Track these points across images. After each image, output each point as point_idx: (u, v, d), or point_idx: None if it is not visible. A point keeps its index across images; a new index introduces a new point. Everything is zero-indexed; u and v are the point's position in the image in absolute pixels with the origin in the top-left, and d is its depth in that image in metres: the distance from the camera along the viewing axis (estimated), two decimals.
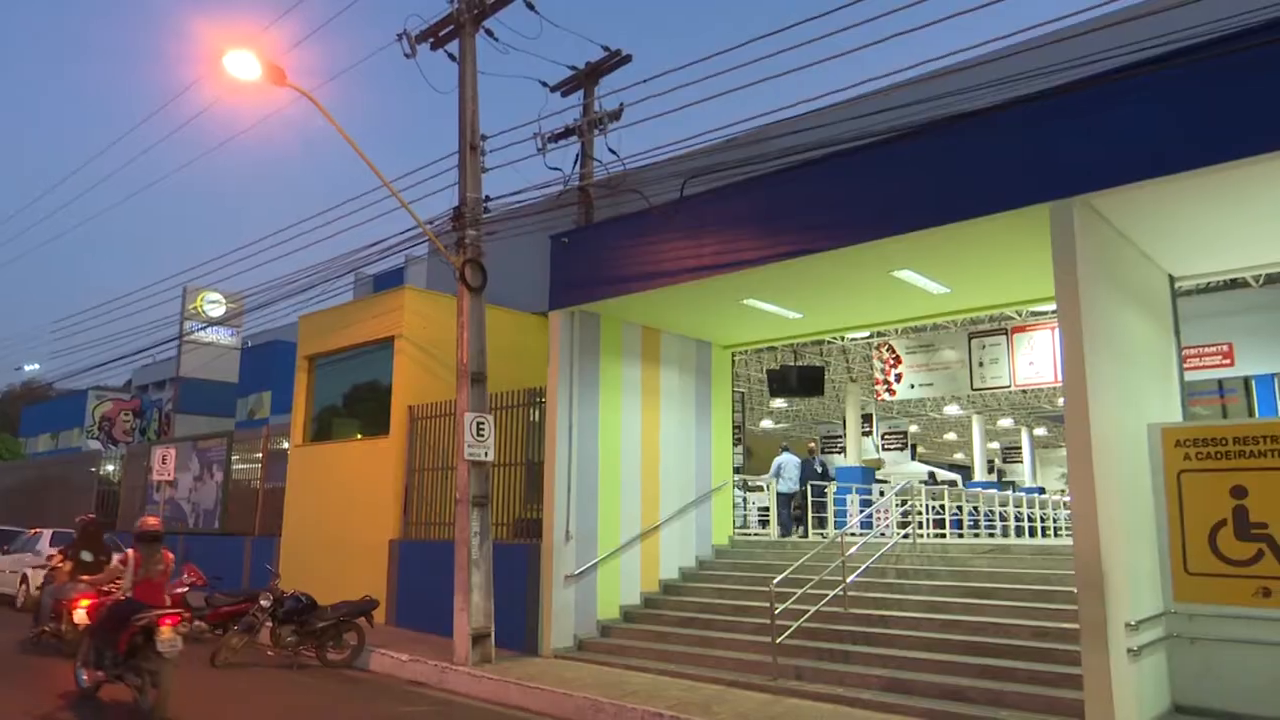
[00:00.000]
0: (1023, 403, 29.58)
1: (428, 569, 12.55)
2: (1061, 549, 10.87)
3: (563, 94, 13.77)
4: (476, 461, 10.62)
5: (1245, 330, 13.16)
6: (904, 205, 8.49)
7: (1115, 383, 7.72)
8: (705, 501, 13.26)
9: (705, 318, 12.31)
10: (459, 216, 11.07)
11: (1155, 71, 6.96)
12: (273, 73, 10.23)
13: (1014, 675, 8.05)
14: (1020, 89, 7.63)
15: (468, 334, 10.84)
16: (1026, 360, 17.33)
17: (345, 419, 15.86)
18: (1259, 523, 7.45)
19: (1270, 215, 7.78)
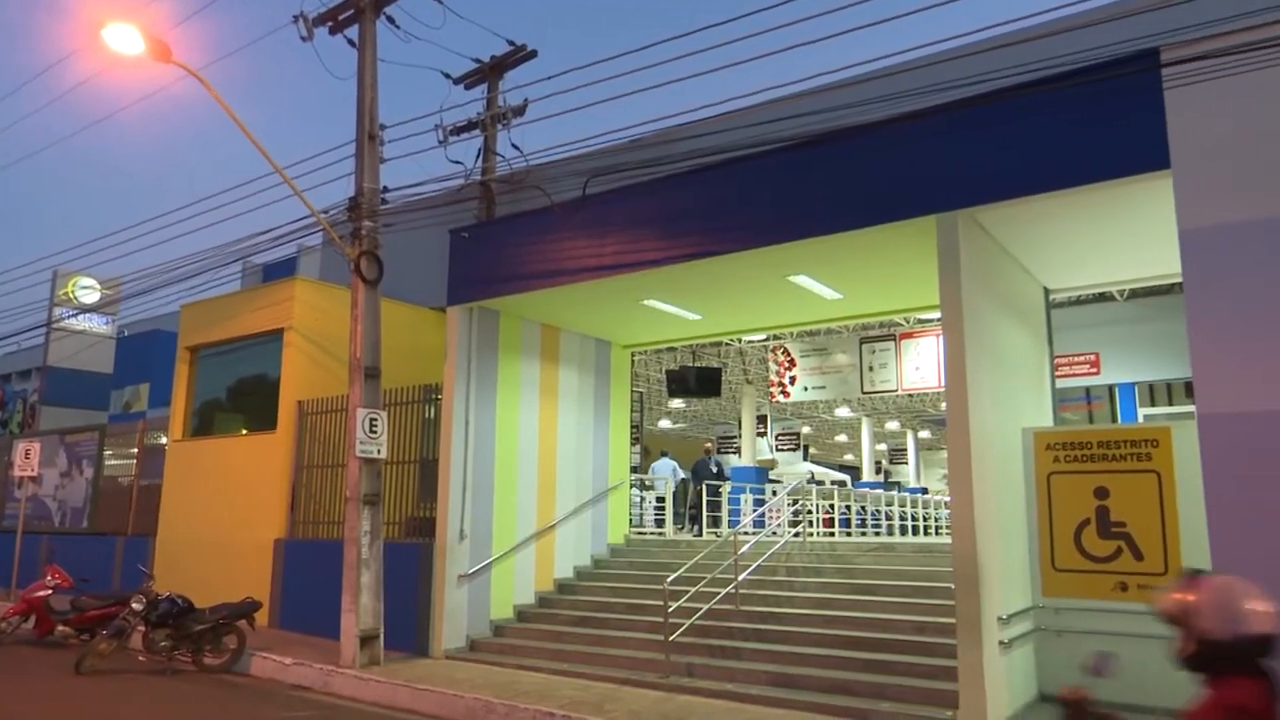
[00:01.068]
0: (909, 406, 30.76)
1: (315, 569, 12.17)
2: (942, 547, 11.35)
3: (466, 87, 13.58)
4: (368, 459, 10.37)
5: (1111, 341, 14.03)
6: (801, 212, 8.72)
7: (993, 388, 8.12)
8: (602, 500, 13.29)
9: (605, 317, 12.34)
10: (355, 207, 10.78)
11: (1034, 94, 7.34)
12: (157, 48, 9.74)
13: (895, 669, 8.36)
14: (914, 104, 7.93)
15: (361, 327, 10.56)
16: (913, 366, 18.03)
17: (229, 413, 15.22)
18: (1119, 521, 7.96)
19: (1134, 234, 8.32)
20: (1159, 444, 7.91)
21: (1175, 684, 7.96)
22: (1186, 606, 2.86)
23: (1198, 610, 2.83)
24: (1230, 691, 2.71)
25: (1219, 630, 2.76)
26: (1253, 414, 6.31)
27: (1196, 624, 2.81)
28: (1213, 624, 2.78)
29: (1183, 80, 6.66)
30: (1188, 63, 6.58)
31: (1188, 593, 2.87)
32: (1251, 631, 2.72)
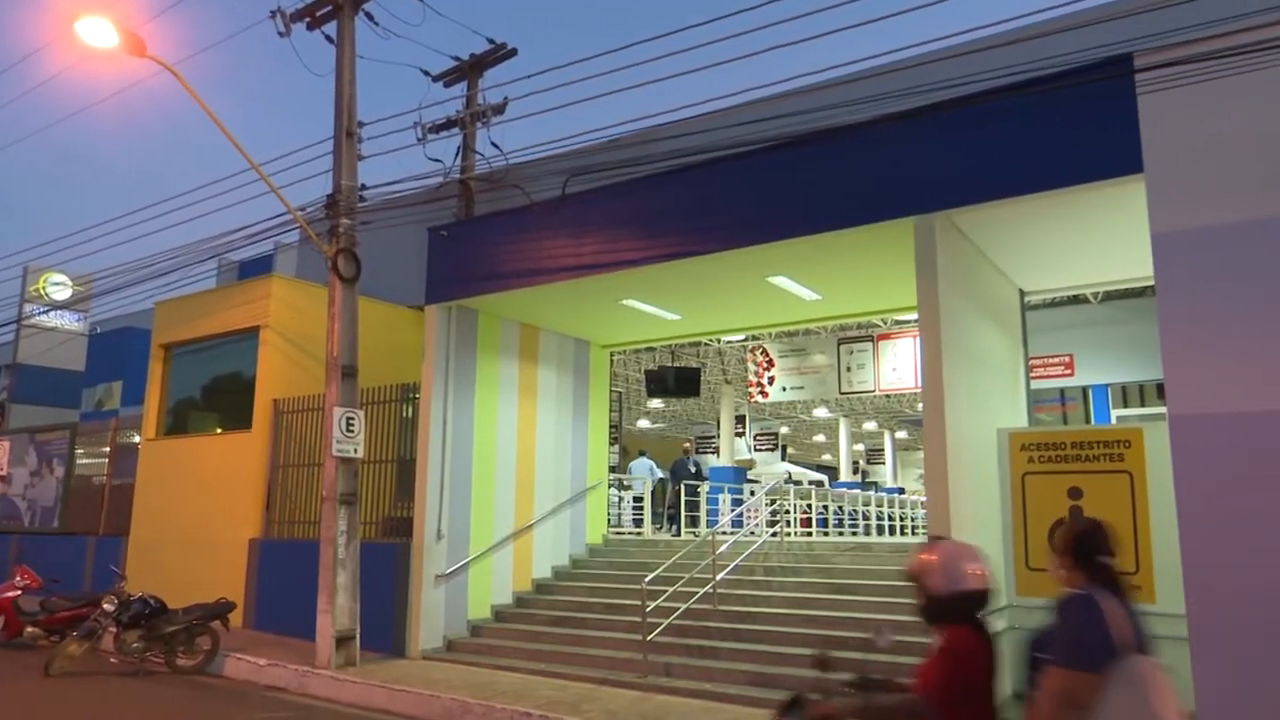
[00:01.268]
0: (886, 407, 30.96)
1: (291, 569, 12.07)
2: (918, 546, 11.42)
3: (445, 84, 13.52)
4: (345, 458, 10.30)
5: (1085, 343, 14.19)
6: (780, 213, 8.75)
7: (969, 389, 8.19)
8: (580, 500, 13.27)
9: (584, 317, 12.33)
10: (333, 204, 10.71)
11: (1010, 98, 7.41)
12: (131, 42, 9.62)
13: (873, 668, 8.40)
14: (893, 106, 7.99)
15: (339, 326, 10.49)
16: (890, 366, 18.15)
17: (204, 412, 15.06)
18: None
19: (1108, 237, 8.42)
20: (1131, 445, 8.00)
21: None
22: (920, 567, 3.28)
23: (928, 570, 3.24)
24: (955, 638, 3.15)
25: (942, 587, 3.19)
26: (1223, 415, 6.40)
27: (926, 582, 3.24)
28: (938, 582, 3.20)
29: (1156, 86, 6.75)
30: (1161, 68, 6.66)
31: (923, 556, 3.30)
32: (967, 588, 3.17)
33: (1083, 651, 2.86)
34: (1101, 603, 2.90)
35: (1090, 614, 2.88)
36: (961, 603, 3.18)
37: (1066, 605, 2.99)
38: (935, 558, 3.27)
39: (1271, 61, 6.24)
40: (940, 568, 3.23)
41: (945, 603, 3.20)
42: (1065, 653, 2.90)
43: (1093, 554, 3.05)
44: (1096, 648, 2.85)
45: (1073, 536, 3.14)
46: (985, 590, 3.21)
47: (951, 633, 3.17)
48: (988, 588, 3.22)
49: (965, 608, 3.19)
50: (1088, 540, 3.11)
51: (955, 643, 3.15)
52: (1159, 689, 2.85)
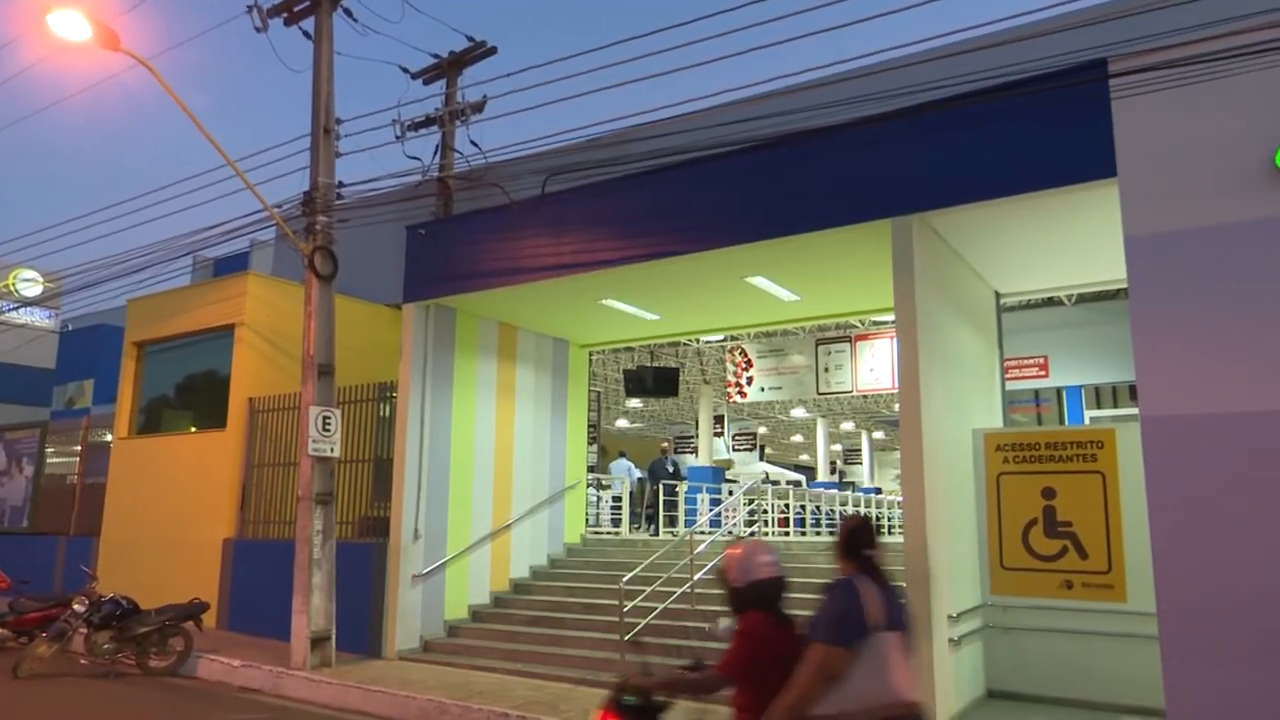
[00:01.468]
0: (863, 407, 31.13)
1: (266, 569, 11.96)
2: (894, 546, 11.50)
3: (424, 82, 13.45)
4: (321, 457, 10.23)
5: (1059, 345, 14.35)
6: (759, 214, 8.78)
7: (945, 390, 8.25)
8: (558, 500, 13.25)
9: (563, 316, 12.31)
10: (310, 201, 10.62)
11: (987, 101, 7.48)
12: (105, 35, 9.50)
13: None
14: (871, 108, 8.03)
15: (315, 324, 10.41)
16: (868, 367, 18.26)
17: (178, 410, 14.90)
18: (1064, 521, 8.14)
19: (1082, 240, 8.52)
20: (1104, 445, 8.11)
21: (1118, 679, 8.17)
22: (723, 564, 3.80)
23: (728, 566, 3.75)
24: (748, 621, 3.61)
25: (739, 579, 3.70)
26: (1194, 416, 6.49)
27: (727, 576, 3.74)
28: (735, 575, 3.71)
29: (1129, 91, 6.84)
30: (1135, 74, 6.75)
31: (726, 553, 3.82)
32: (759, 578, 3.67)
33: (838, 629, 3.30)
34: (860, 588, 3.37)
35: (848, 598, 3.35)
36: (757, 591, 3.67)
37: (830, 590, 3.48)
38: (733, 555, 3.79)
39: (1242, 68, 6.34)
40: (737, 563, 3.73)
41: (743, 592, 3.69)
42: (824, 630, 3.34)
43: (859, 547, 3.55)
44: (851, 626, 3.29)
45: (844, 532, 3.65)
46: (776, 579, 3.72)
47: (747, 618, 3.64)
48: (778, 576, 3.73)
49: (761, 596, 3.67)
50: (854, 535, 3.60)
51: (749, 626, 3.61)
52: (896, 662, 3.30)
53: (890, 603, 3.39)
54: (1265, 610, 6.07)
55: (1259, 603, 6.10)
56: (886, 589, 3.45)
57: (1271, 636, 6.02)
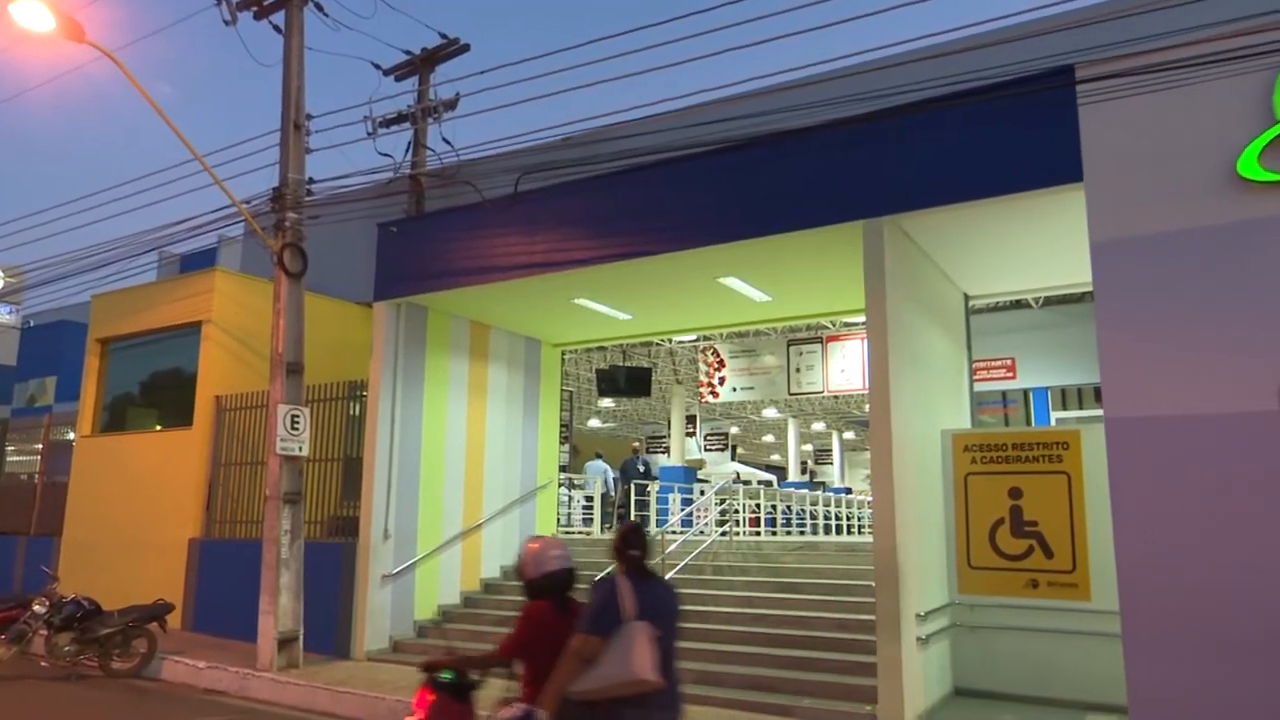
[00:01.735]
0: (834, 408, 31.34)
1: (232, 570, 11.81)
2: (864, 546, 11.60)
3: (396, 78, 13.36)
4: (290, 456, 10.12)
5: (1026, 347, 14.54)
6: (732, 214, 8.81)
7: (915, 391, 8.33)
8: (530, 500, 13.21)
9: (536, 315, 12.27)
10: (279, 198, 10.50)
11: (957, 106, 7.56)
12: (69, 26, 9.33)
13: (817, 665, 8.51)
14: (844, 111, 8.08)
15: (284, 321, 10.30)
16: (839, 368, 18.38)
17: (143, 408, 14.67)
18: (1031, 521, 8.25)
19: (1049, 244, 8.63)
20: (1069, 446, 8.23)
21: (1083, 677, 8.29)
22: (520, 558, 4.25)
23: (524, 561, 4.23)
24: (530, 608, 4.15)
25: (532, 572, 4.19)
26: (1157, 418, 6.60)
27: (523, 568, 4.22)
28: (530, 569, 4.20)
29: (1097, 97, 6.95)
30: (1101, 80, 6.85)
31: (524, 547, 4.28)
32: (550, 570, 4.18)
33: (595, 620, 3.80)
34: (619, 585, 3.86)
35: (607, 593, 3.84)
36: (548, 582, 4.18)
37: (595, 586, 4.03)
38: (530, 550, 4.25)
39: (1205, 76, 6.46)
40: (532, 557, 4.21)
41: (536, 583, 4.19)
42: (585, 621, 3.85)
43: (627, 549, 4.03)
44: (606, 618, 3.78)
45: (618, 536, 4.11)
46: (565, 571, 4.22)
47: (531, 606, 4.16)
48: (567, 569, 4.23)
49: (551, 586, 4.18)
50: (624, 539, 4.07)
51: (529, 612, 4.14)
52: (640, 648, 3.74)
53: (650, 597, 3.90)
54: (1225, 609, 6.19)
55: (1220, 602, 6.22)
56: (649, 585, 3.97)
57: (1231, 634, 6.14)
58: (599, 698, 3.75)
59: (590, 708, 3.77)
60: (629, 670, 3.69)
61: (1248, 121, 6.48)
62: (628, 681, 3.71)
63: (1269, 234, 6.36)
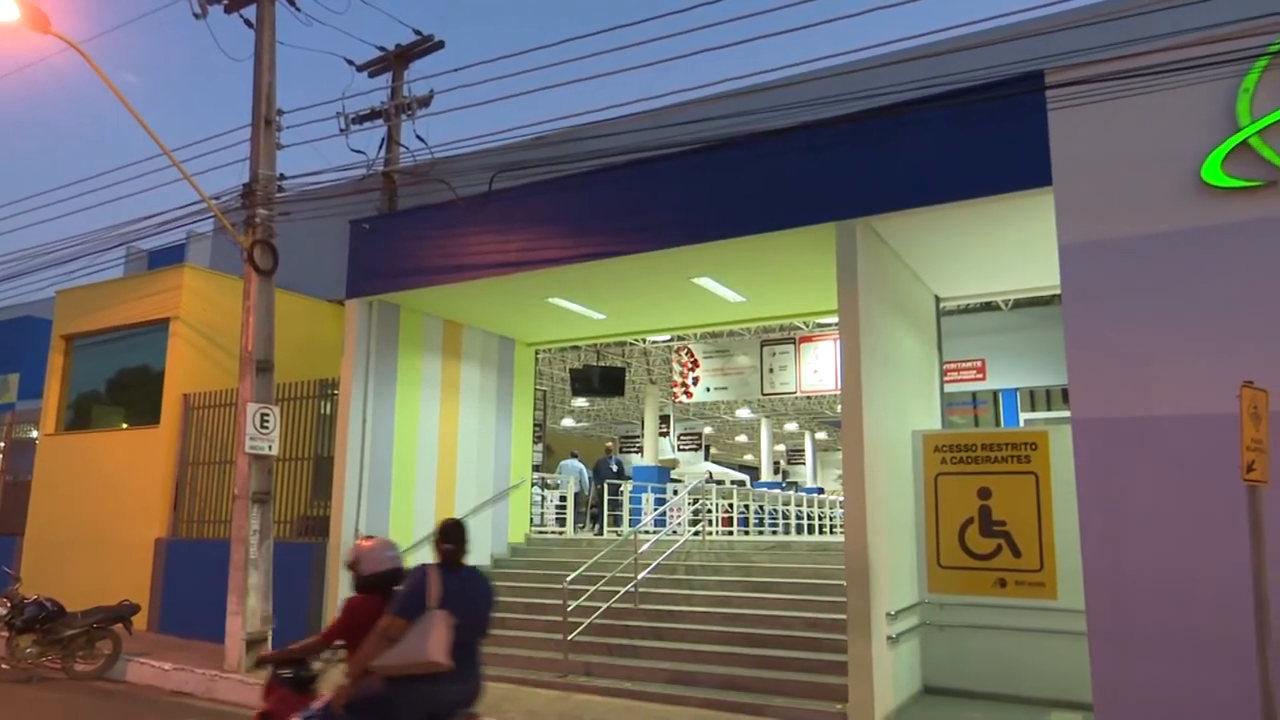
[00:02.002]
0: (807, 408, 31.50)
1: (200, 570, 11.66)
2: (836, 545, 11.66)
3: (370, 75, 13.24)
4: (259, 455, 10.00)
5: (996, 348, 14.69)
6: (706, 215, 8.83)
7: (886, 392, 8.39)
8: (503, 499, 13.16)
9: (510, 314, 12.23)
10: (250, 194, 10.38)
11: (929, 109, 7.63)
12: (34, 16, 9.17)
13: (789, 664, 8.55)
14: (818, 113, 8.13)
15: (254, 319, 10.18)
16: (811, 369, 18.46)
17: (108, 406, 14.45)
18: (999, 520, 8.34)
19: (1019, 247, 8.74)
20: (1038, 447, 8.33)
21: (1050, 674, 8.37)
22: (354, 556, 4.73)
23: (359, 557, 4.70)
24: (353, 600, 4.64)
25: (367, 569, 4.68)
26: (1123, 419, 6.71)
27: (357, 565, 4.69)
28: (363, 564, 4.68)
29: (1066, 103, 7.04)
30: (1071, 85, 6.95)
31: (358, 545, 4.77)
32: (382, 570, 4.67)
33: (402, 605, 4.29)
34: (429, 575, 4.34)
35: (417, 582, 4.33)
36: (377, 579, 4.64)
37: (409, 575, 4.46)
38: (363, 548, 4.73)
39: (1173, 83, 6.57)
40: (366, 555, 4.70)
41: (367, 579, 4.67)
42: (395, 605, 4.32)
43: (441, 543, 4.52)
44: (413, 604, 4.27)
45: (436, 531, 4.58)
46: (394, 570, 4.69)
47: (354, 599, 4.65)
48: (396, 568, 4.70)
49: (381, 582, 4.63)
50: (440, 533, 4.55)
51: (350, 604, 4.63)
52: (435, 633, 4.20)
53: (457, 587, 4.39)
54: (1188, 607, 6.30)
55: (1183, 600, 6.32)
56: (459, 576, 4.46)
57: (1194, 632, 6.25)
58: (397, 674, 4.24)
59: (389, 682, 4.27)
60: (422, 651, 4.17)
61: (1212, 128, 6.60)
62: (420, 661, 4.18)
63: (1232, 239, 6.48)
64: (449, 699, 4.36)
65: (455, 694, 4.37)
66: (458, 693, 4.39)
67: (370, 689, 4.30)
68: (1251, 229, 6.43)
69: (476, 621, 4.51)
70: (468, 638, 4.40)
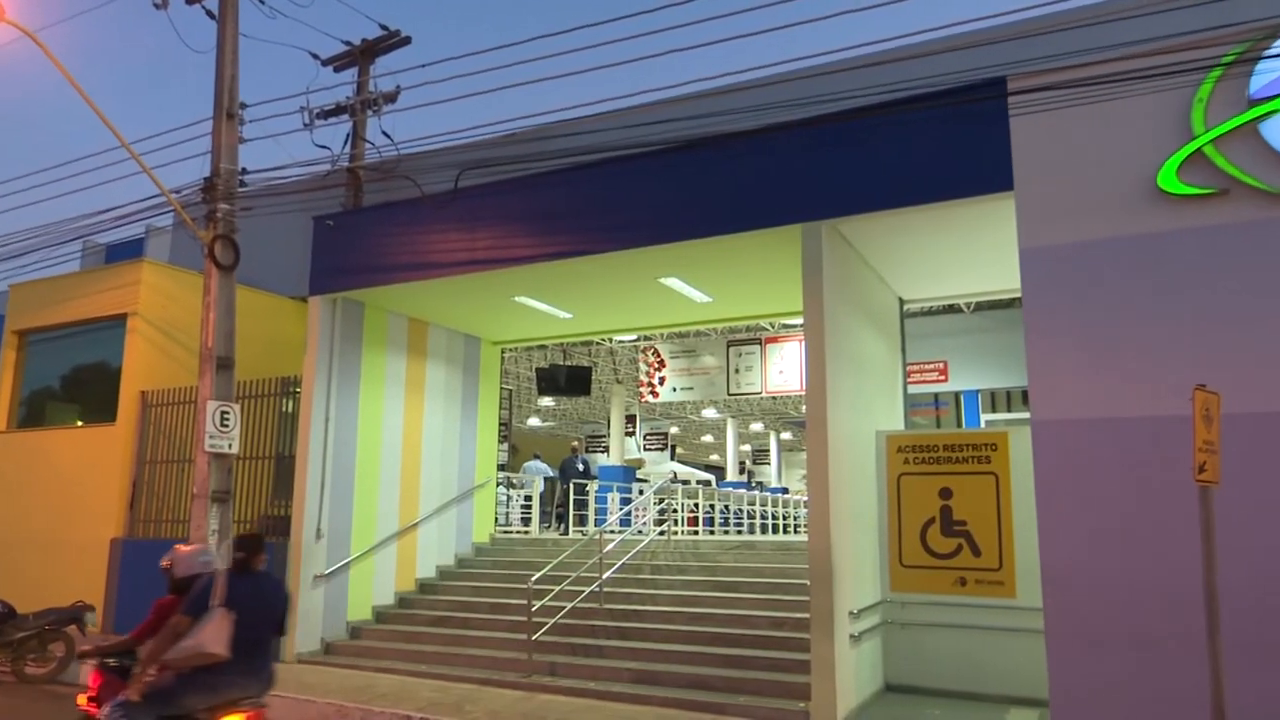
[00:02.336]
0: (772, 408, 31.68)
1: (157, 570, 11.41)
2: (800, 545, 11.74)
3: (335, 69, 13.12)
4: (219, 454, 9.83)
5: (958, 350, 14.88)
6: (673, 215, 8.85)
7: (851, 392, 8.47)
8: (467, 499, 13.09)
9: (475, 312, 12.16)
10: (211, 188, 10.20)
11: (894, 114, 7.72)
12: None
13: (752, 663, 8.60)
14: (784, 115, 8.18)
15: (214, 315, 10.01)
16: (777, 369, 18.56)
17: (63, 403, 14.14)
18: (960, 520, 8.46)
19: (981, 250, 8.86)
20: (998, 448, 8.46)
21: (1008, 672, 8.49)
22: (171, 560, 5.37)
23: (174, 560, 5.36)
24: (166, 600, 5.20)
25: (180, 571, 5.29)
26: (1080, 420, 6.83)
27: (172, 567, 5.34)
28: (178, 568, 5.32)
29: (1027, 109, 7.15)
30: (1032, 93, 7.06)
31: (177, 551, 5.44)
32: (193, 573, 5.21)
33: (189, 604, 4.81)
34: (216, 579, 4.87)
35: (203, 584, 4.87)
36: (189, 582, 5.08)
37: (199, 578, 5.02)
38: (180, 553, 5.40)
39: (1130, 92, 6.70)
40: (182, 560, 5.35)
41: (180, 581, 5.21)
42: (185, 604, 4.84)
43: (234, 551, 5.14)
44: (198, 603, 4.77)
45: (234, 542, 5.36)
46: (206, 575, 5.05)
47: (165, 599, 5.20)
48: (208, 572, 5.12)
49: (190, 584, 5.07)
50: (234, 542, 5.22)
51: (161, 603, 5.19)
52: (213, 629, 4.67)
53: (243, 590, 4.89)
54: (1142, 605, 6.43)
55: (1137, 598, 6.46)
56: (247, 580, 4.99)
57: (1147, 630, 6.39)
58: (183, 665, 4.72)
59: (177, 674, 4.76)
60: (199, 644, 4.64)
61: (1167, 137, 6.75)
62: (201, 654, 4.64)
63: (1186, 245, 6.63)
64: (232, 689, 4.81)
65: (238, 684, 4.82)
66: (240, 683, 4.84)
67: (162, 681, 4.78)
68: (1205, 235, 6.58)
69: (263, 620, 4.99)
70: (254, 634, 4.87)
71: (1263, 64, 6.49)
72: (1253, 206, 6.47)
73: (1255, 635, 5.96)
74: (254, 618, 4.88)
